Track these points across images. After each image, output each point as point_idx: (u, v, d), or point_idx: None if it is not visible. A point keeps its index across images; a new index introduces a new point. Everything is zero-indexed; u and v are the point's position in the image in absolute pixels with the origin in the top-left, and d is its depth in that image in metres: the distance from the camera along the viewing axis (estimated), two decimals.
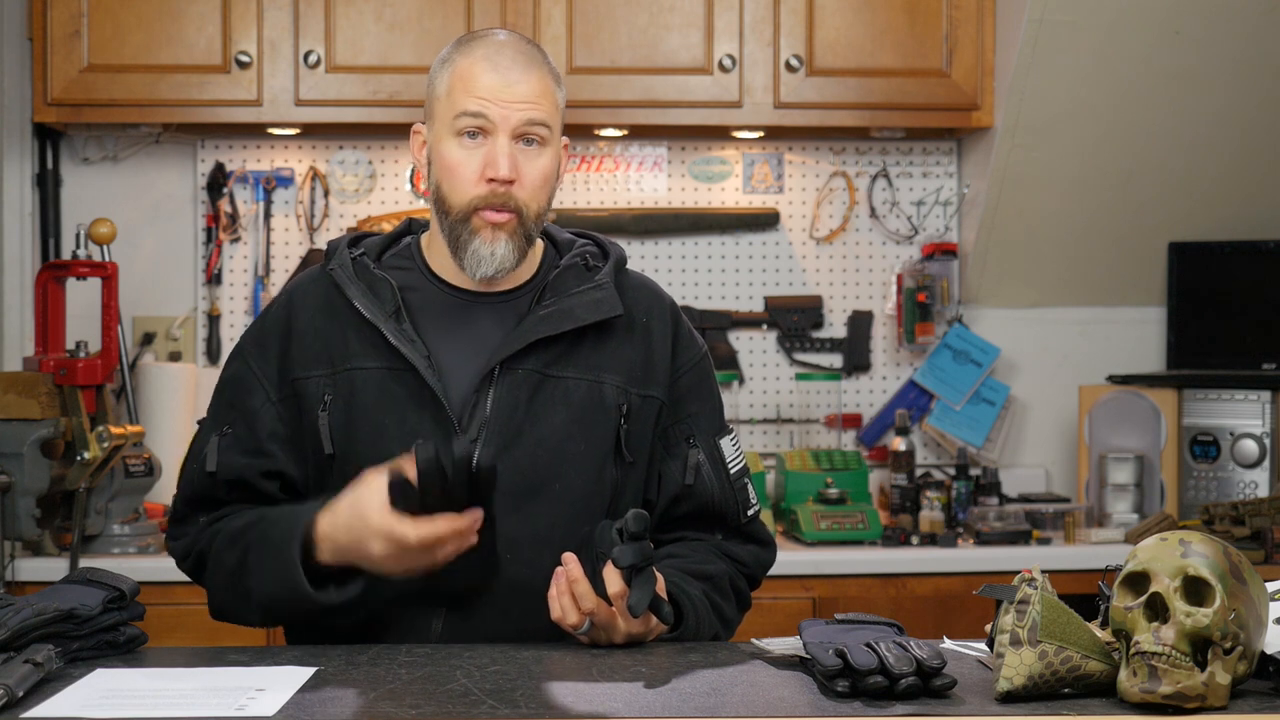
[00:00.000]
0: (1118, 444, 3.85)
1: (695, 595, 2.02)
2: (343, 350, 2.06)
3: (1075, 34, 3.62)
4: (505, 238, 2.03)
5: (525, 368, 2.04)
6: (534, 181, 2.03)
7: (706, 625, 2.03)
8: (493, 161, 2.00)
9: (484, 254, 2.03)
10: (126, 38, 3.63)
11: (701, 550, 2.12)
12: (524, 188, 2.02)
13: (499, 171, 2.00)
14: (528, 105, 2.01)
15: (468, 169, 2.02)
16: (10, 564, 3.26)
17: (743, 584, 2.15)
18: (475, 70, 2.02)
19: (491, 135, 2.01)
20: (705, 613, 2.03)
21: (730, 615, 2.11)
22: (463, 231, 2.03)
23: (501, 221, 2.02)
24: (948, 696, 1.63)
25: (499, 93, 2.00)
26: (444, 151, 2.03)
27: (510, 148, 2.01)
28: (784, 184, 4.07)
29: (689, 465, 2.11)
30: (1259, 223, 4.01)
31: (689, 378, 2.14)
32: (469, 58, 2.03)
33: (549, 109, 2.03)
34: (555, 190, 2.10)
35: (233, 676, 1.71)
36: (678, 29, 3.72)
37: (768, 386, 4.08)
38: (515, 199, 2.02)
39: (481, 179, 2.01)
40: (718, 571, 2.10)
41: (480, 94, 2.00)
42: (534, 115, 2.01)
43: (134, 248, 3.90)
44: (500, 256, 2.03)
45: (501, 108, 2.00)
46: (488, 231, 2.02)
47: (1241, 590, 1.59)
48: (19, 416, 3.27)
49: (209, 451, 2.07)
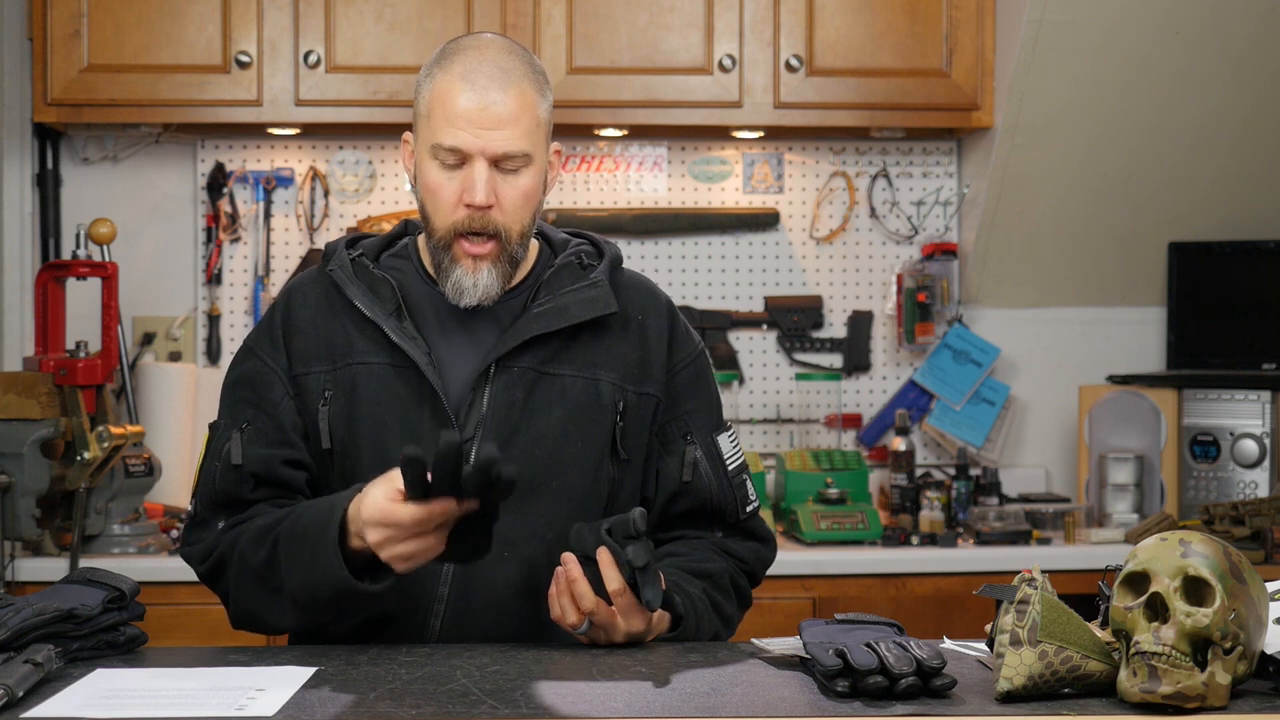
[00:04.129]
0: (1118, 444, 3.85)
1: (694, 594, 2.02)
2: (344, 346, 2.06)
3: (1075, 34, 3.62)
4: (488, 267, 2.03)
5: (521, 365, 2.04)
6: (514, 203, 2.03)
7: (707, 624, 2.03)
8: (470, 188, 2.00)
9: (466, 285, 2.03)
10: (126, 38, 3.63)
11: (701, 548, 2.12)
12: (504, 211, 2.02)
13: (475, 198, 2.00)
14: (505, 132, 1.99)
15: (446, 193, 2.02)
16: (10, 564, 3.26)
17: (743, 581, 2.15)
18: (453, 92, 2.00)
19: (470, 161, 2.01)
20: (705, 611, 2.03)
21: (731, 612, 2.11)
22: (444, 258, 2.04)
23: (483, 253, 2.03)
24: (948, 696, 1.63)
25: (475, 118, 1.99)
26: (425, 172, 2.04)
27: (488, 173, 2.00)
28: (784, 184, 4.07)
29: (686, 462, 2.12)
30: (1259, 223, 4.01)
31: (685, 374, 2.15)
32: (448, 75, 2.02)
33: (528, 127, 2.02)
34: (541, 202, 2.09)
35: (233, 676, 1.71)
36: (678, 29, 3.72)
37: (768, 386, 4.08)
38: (495, 222, 2.02)
39: (460, 203, 2.02)
40: (718, 569, 2.10)
41: (457, 123, 1.99)
42: (510, 147, 2.00)
43: (134, 248, 3.90)
44: (483, 287, 2.03)
45: (477, 136, 1.99)
46: (469, 262, 2.03)
47: (1241, 590, 1.59)
48: (19, 416, 3.27)
49: (232, 447, 2.05)
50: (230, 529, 2.04)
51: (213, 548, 2.04)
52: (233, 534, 2.02)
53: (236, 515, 2.05)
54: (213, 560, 2.04)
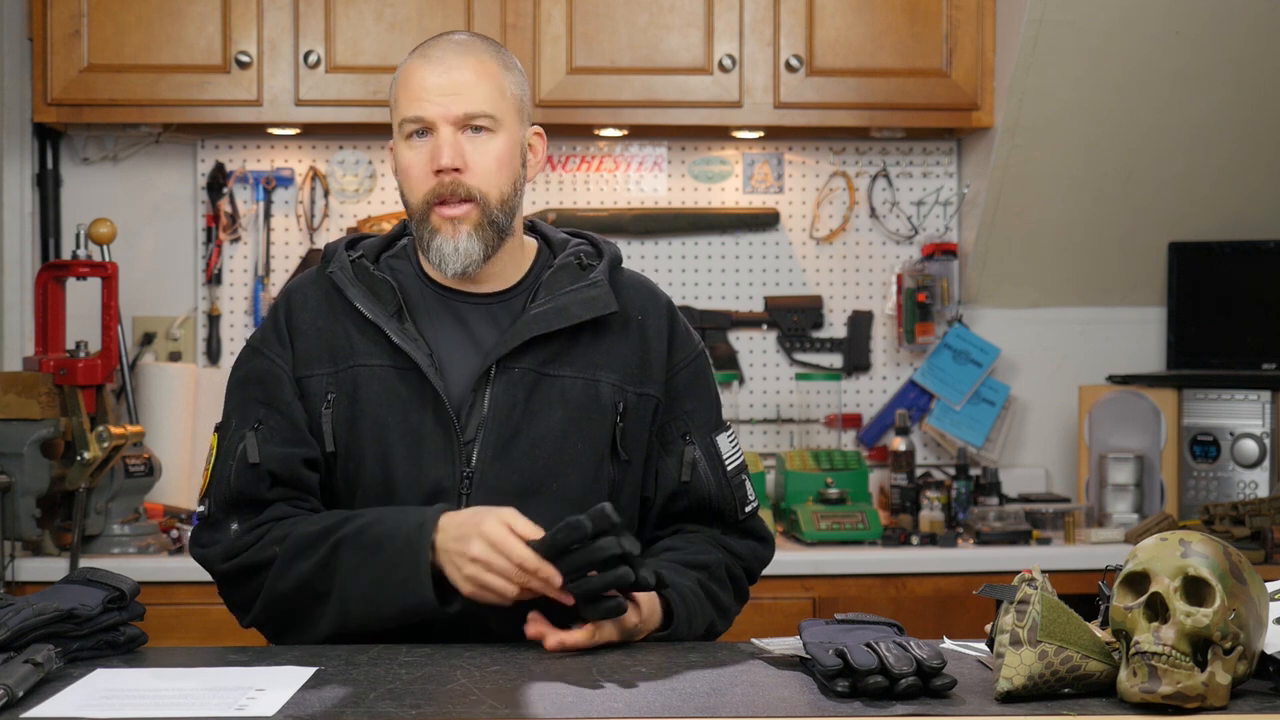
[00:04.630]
0: (1118, 444, 3.85)
1: (687, 586, 2.02)
2: (346, 349, 2.06)
3: (1075, 34, 3.62)
4: (467, 230, 2.03)
5: (521, 366, 2.05)
6: (486, 167, 2.03)
7: (700, 616, 2.03)
8: (436, 153, 2.02)
9: (447, 250, 2.04)
10: (126, 38, 3.63)
11: (698, 540, 2.12)
12: (475, 174, 2.03)
13: (442, 161, 2.01)
14: (464, 94, 2.01)
15: (417, 167, 2.04)
16: (10, 564, 3.25)
17: (740, 572, 2.14)
18: (411, 70, 2.05)
19: (435, 130, 2.02)
20: (698, 603, 2.02)
21: (727, 603, 2.10)
22: (424, 231, 2.05)
23: (459, 215, 2.03)
24: (948, 696, 1.63)
25: (434, 86, 2.01)
26: (398, 157, 2.06)
27: (454, 137, 2.02)
28: (784, 184, 4.07)
29: (685, 462, 2.12)
30: (1259, 223, 4.01)
31: (685, 374, 2.15)
32: (410, 60, 2.06)
33: (489, 93, 2.03)
34: (522, 177, 2.09)
35: (233, 676, 1.71)
36: (678, 29, 3.72)
37: (768, 386, 4.08)
38: (467, 186, 2.03)
39: (429, 173, 2.03)
40: (714, 560, 2.09)
41: (418, 94, 2.02)
42: (470, 108, 2.02)
43: (134, 248, 3.90)
44: (464, 250, 2.03)
45: (438, 103, 2.01)
46: (447, 227, 2.03)
47: (1241, 590, 1.59)
48: (19, 416, 3.27)
49: (247, 446, 2.03)
50: (251, 530, 2.01)
51: (237, 549, 2.01)
52: (267, 539, 1.99)
53: (252, 515, 2.03)
54: (238, 561, 2.01)
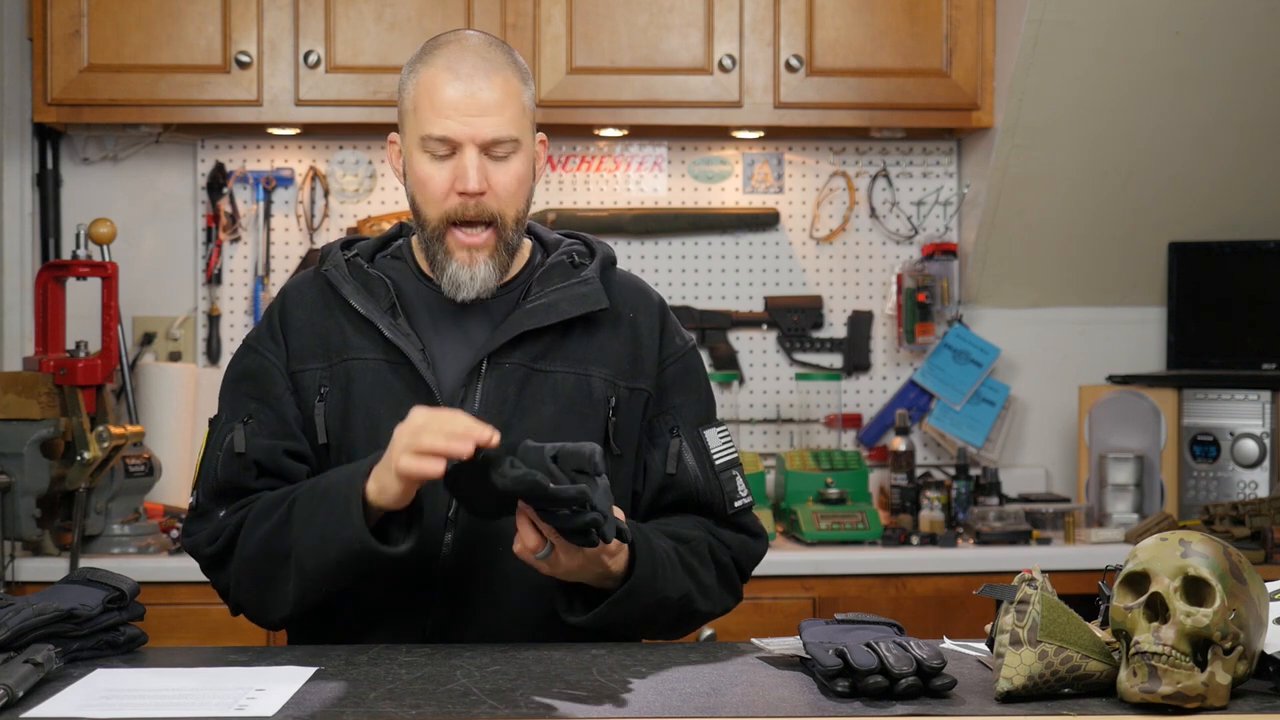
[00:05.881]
0: (1118, 444, 3.85)
1: (661, 547, 1.99)
2: (340, 343, 2.08)
3: (1075, 34, 3.62)
4: (484, 258, 2.04)
5: (512, 362, 2.06)
6: (507, 188, 2.04)
7: (671, 578, 1.99)
8: (462, 175, 2.02)
9: (463, 278, 2.04)
10: (126, 38, 3.63)
11: (688, 522, 2.11)
12: (497, 196, 2.04)
13: (469, 185, 2.02)
14: (493, 119, 2.01)
15: (438, 183, 2.04)
16: (10, 564, 3.26)
17: (727, 560, 2.11)
18: (439, 83, 2.03)
19: (460, 150, 2.02)
20: (670, 566, 1.99)
21: (708, 581, 2.07)
22: (438, 251, 2.05)
23: (478, 243, 2.04)
24: (948, 696, 1.63)
25: (463, 106, 2.01)
26: (415, 166, 2.06)
27: (479, 160, 2.02)
28: (784, 184, 4.07)
29: (670, 454, 2.11)
30: (1259, 223, 4.01)
31: (674, 369, 2.15)
32: (432, 68, 2.05)
33: (515, 115, 2.04)
34: (533, 189, 2.11)
35: (233, 676, 1.71)
36: (678, 29, 3.72)
37: (768, 386, 4.08)
38: (489, 209, 2.04)
39: (452, 192, 2.03)
40: (697, 537, 2.07)
41: (444, 112, 2.01)
42: (499, 132, 2.02)
43: (134, 248, 3.90)
44: (480, 279, 2.05)
45: (466, 124, 2.01)
46: (464, 254, 2.04)
47: (1241, 590, 1.59)
48: (19, 416, 3.27)
49: (235, 437, 2.05)
50: (234, 514, 2.03)
51: (218, 531, 2.03)
52: (238, 517, 2.01)
53: (237, 503, 2.04)
54: (220, 543, 2.03)
